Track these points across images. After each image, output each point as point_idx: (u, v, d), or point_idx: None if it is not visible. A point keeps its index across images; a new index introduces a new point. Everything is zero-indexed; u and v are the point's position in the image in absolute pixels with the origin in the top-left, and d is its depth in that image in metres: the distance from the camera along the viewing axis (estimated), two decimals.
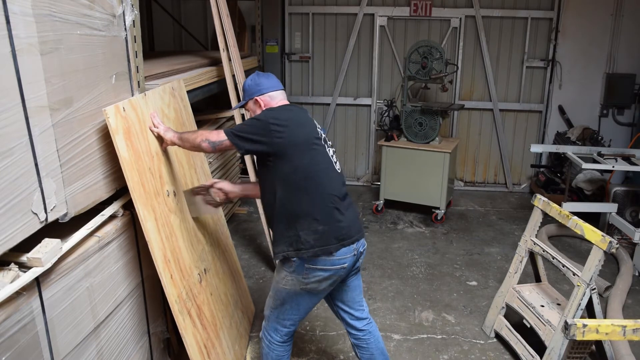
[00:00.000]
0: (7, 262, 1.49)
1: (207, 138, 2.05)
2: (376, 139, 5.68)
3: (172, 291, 2.00)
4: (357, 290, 2.30)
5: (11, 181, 1.39)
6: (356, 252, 2.12)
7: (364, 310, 2.34)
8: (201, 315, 2.26)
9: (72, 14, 1.65)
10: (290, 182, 2.03)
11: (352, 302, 2.30)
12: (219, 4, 3.51)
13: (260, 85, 2.21)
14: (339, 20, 5.58)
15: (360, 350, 2.35)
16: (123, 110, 1.92)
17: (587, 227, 2.46)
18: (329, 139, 5.63)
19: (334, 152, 2.22)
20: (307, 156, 2.04)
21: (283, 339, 2.25)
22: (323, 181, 2.07)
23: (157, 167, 2.13)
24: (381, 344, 2.37)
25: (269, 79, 2.24)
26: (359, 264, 2.22)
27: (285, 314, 2.19)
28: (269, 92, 2.20)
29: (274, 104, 2.19)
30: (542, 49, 5.42)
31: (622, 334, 2.09)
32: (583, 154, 4.27)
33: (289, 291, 2.13)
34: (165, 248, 2.04)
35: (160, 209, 2.07)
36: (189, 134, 2.13)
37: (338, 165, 2.21)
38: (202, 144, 2.06)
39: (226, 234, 3.07)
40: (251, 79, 2.24)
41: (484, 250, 4.22)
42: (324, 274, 2.06)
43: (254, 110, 2.23)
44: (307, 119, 2.17)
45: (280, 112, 2.10)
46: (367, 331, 2.33)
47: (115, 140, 1.83)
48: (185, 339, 2.04)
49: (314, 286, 2.09)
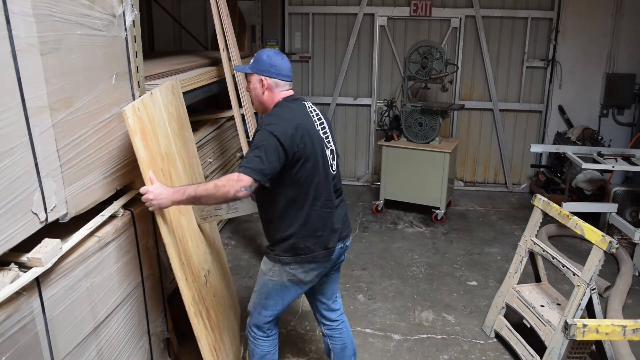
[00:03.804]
0: (7, 262, 1.49)
1: (242, 186, 1.83)
2: (376, 139, 5.68)
3: (187, 293, 2.00)
4: (335, 283, 2.37)
5: (11, 181, 1.39)
6: (343, 245, 2.18)
7: (337, 302, 2.40)
8: (210, 317, 2.27)
9: (72, 14, 1.65)
10: (294, 190, 2.02)
11: (330, 293, 2.36)
12: (219, 4, 3.51)
13: (273, 67, 2.07)
14: (339, 20, 5.58)
15: (333, 340, 2.39)
16: (138, 110, 1.91)
17: (587, 227, 2.46)
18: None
19: (332, 150, 2.16)
20: (309, 165, 2.00)
21: (266, 333, 2.27)
22: (321, 188, 2.06)
23: (167, 168, 2.13)
24: (350, 333, 2.45)
25: (284, 63, 2.10)
26: (343, 257, 2.27)
27: (269, 307, 2.20)
28: (278, 78, 2.08)
29: (277, 92, 2.09)
30: (542, 49, 5.42)
31: (622, 334, 2.10)
32: (583, 154, 4.27)
33: (275, 283, 2.14)
34: (180, 250, 2.05)
35: (172, 211, 2.07)
36: (203, 189, 1.87)
37: (335, 164, 2.17)
38: (239, 194, 1.84)
39: (218, 235, 3.08)
40: (267, 54, 2.09)
41: (484, 250, 4.22)
42: (311, 265, 2.09)
43: (255, 85, 2.11)
44: (309, 121, 2.07)
45: (284, 123, 1.96)
46: (340, 321, 2.41)
47: (135, 141, 1.81)
48: (200, 342, 2.04)
49: (301, 277, 2.11)
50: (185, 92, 2.87)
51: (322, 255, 2.09)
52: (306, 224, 2.05)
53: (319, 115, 2.16)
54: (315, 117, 2.14)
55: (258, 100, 2.14)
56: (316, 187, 2.04)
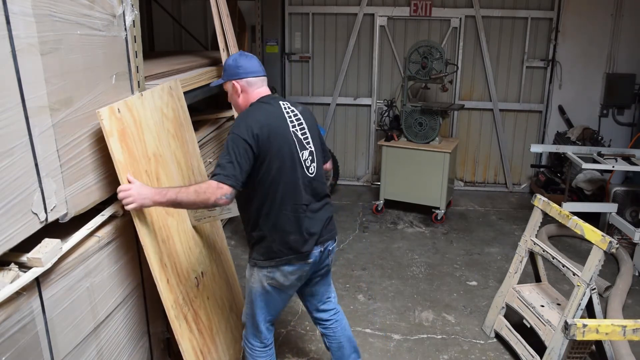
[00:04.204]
0: (7, 262, 1.49)
1: (223, 194, 1.85)
2: (376, 139, 5.68)
3: (168, 296, 1.99)
4: (325, 286, 2.33)
5: (11, 181, 1.39)
6: (323, 249, 2.14)
7: (330, 302, 2.38)
8: (198, 319, 2.25)
9: (72, 14, 1.65)
10: (260, 192, 2.01)
11: (320, 296, 2.34)
12: (219, 4, 3.51)
13: (240, 68, 2.09)
14: (339, 20, 5.58)
15: (329, 339, 2.39)
16: (118, 112, 1.89)
17: (587, 227, 2.46)
18: (328, 137, 5.70)
19: (311, 152, 2.11)
20: (275, 167, 1.98)
21: (263, 343, 2.24)
22: (289, 191, 2.02)
23: (154, 169, 2.11)
24: (348, 332, 2.43)
25: (251, 61, 2.12)
26: (328, 261, 2.23)
27: (257, 315, 2.18)
28: (248, 77, 2.09)
29: (251, 92, 2.10)
30: (542, 49, 5.42)
31: (622, 334, 2.10)
32: (583, 154, 4.27)
33: (256, 288, 2.13)
34: (162, 252, 2.03)
35: (156, 212, 2.06)
36: (184, 194, 1.87)
37: (314, 166, 2.11)
38: (220, 201, 1.87)
39: (222, 236, 3.05)
40: (233, 58, 2.13)
41: (484, 250, 4.22)
42: (289, 269, 2.07)
43: (231, 93, 2.14)
44: (280, 122, 2.05)
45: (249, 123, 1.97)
46: (334, 320, 2.38)
47: (109, 143, 1.80)
48: (181, 345, 2.02)
49: (280, 280, 2.09)
50: (185, 92, 2.87)
51: (296, 258, 2.05)
52: (275, 226, 2.03)
53: (298, 116, 2.12)
54: (292, 117, 2.10)
55: (237, 106, 2.17)
56: (284, 190, 2.01)
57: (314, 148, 2.13)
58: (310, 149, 2.11)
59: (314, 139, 2.14)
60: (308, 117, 2.17)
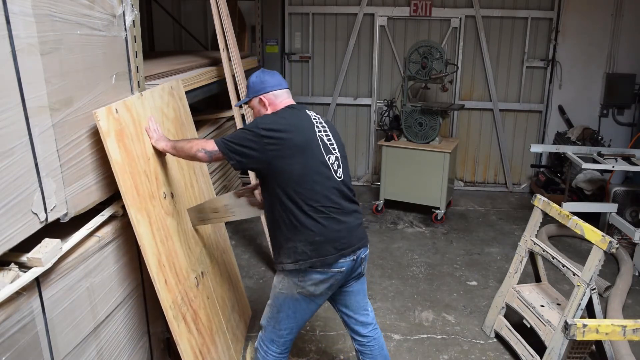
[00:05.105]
0: (7, 262, 1.48)
1: (204, 147, 2.00)
2: (376, 139, 5.68)
3: (166, 296, 1.98)
4: (361, 295, 2.25)
5: (11, 181, 1.39)
6: (356, 257, 2.08)
7: (368, 315, 2.28)
8: (197, 319, 2.24)
9: (72, 14, 1.65)
10: (284, 193, 1.98)
11: (356, 306, 2.25)
12: (219, 4, 3.51)
13: (265, 83, 2.16)
14: (339, 20, 5.58)
15: (364, 356, 2.29)
16: (115, 112, 1.88)
17: (587, 227, 2.46)
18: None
19: (337, 157, 2.10)
20: (300, 167, 1.97)
21: (280, 350, 2.18)
22: (317, 191, 1.99)
23: (152, 170, 2.11)
24: (385, 351, 2.32)
25: (274, 77, 2.20)
26: (361, 269, 2.16)
27: (282, 322, 2.12)
28: (274, 90, 2.16)
29: (278, 103, 2.15)
30: (542, 49, 5.42)
31: (622, 334, 2.09)
32: (583, 154, 4.27)
33: (285, 296, 2.08)
34: (160, 252, 2.02)
35: (155, 212, 2.05)
36: (183, 143, 2.08)
37: (341, 171, 2.10)
38: (198, 154, 2.01)
39: (224, 235, 3.05)
40: (256, 75, 2.20)
41: (484, 250, 4.22)
42: (319, 277, 2.02)
43: (258, 109, 2.19)
44: (307, 124, 2.08)
45: (275, 118, 2.04)
46: (372, 337, 2.28)
47: (106, 143, 1.79)
48: (180, 345, 2.01)
49: (311, 290, 2.04)
50: (186, 92, 2.87)
51: (321, 263, 2.00)
52: (301, 227, 1.99)
53: (323, 124, 2.15)
54: (318, 124, 2.13)
55: None
56: (311, 189, 1.98)
57: (339, 155, 2.13)
58: (336, 154, 2.11)
59: (339, 147, 2.15)
60: (332, 128, 2.20)
